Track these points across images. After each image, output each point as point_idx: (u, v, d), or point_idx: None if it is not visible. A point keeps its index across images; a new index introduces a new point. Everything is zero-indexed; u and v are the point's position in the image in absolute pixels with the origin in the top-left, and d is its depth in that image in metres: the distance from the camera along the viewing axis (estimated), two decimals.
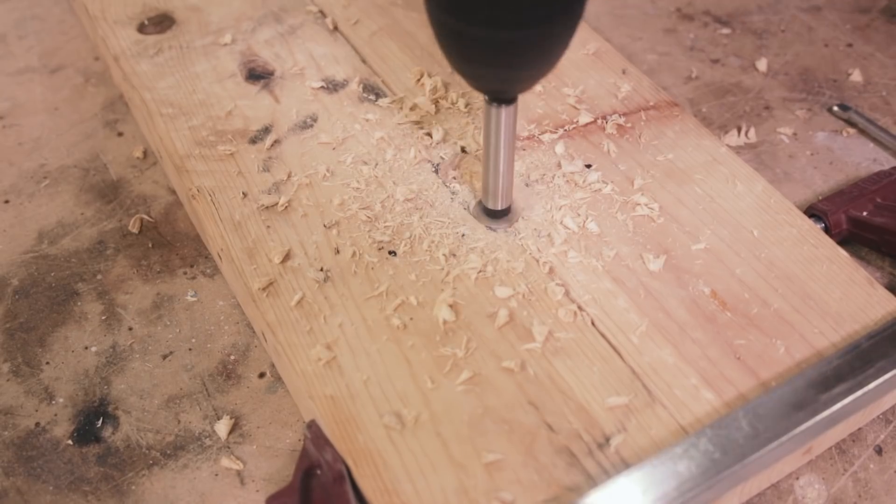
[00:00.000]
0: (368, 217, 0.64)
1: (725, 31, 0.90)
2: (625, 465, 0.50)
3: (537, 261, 0.60)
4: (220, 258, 0.65)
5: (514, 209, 0.64)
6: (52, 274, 0.69)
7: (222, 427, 0.59)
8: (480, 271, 0.60)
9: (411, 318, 0.58)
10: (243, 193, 0.66)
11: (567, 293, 0.59)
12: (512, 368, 0.55)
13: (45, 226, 0.73)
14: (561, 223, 0.63)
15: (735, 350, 0.56)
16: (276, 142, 0.70)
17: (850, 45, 0.88)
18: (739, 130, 0.78)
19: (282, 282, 0.60)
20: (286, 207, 0.65)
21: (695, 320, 0.57)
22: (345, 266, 0.61)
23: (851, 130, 0.78)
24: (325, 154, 0.69)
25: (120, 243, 0.71)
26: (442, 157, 0.68)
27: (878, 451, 0.57)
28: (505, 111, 0.57)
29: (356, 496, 0.50)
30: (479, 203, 0.64)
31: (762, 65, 0.85)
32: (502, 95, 0.56)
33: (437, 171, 0.67)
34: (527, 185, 0.66)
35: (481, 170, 0.62)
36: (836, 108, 0.79)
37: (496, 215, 0.63)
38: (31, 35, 0.93)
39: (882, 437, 0.58)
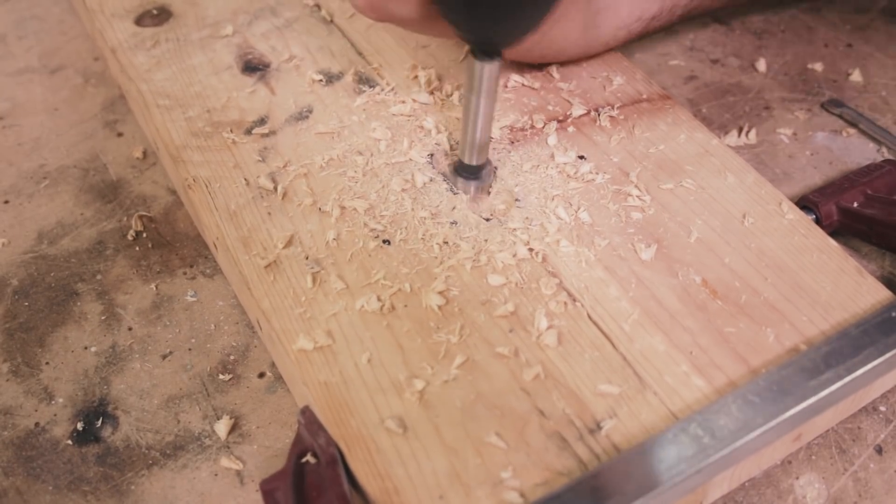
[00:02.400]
0: (363, 206, 0.64)
1: (725, 30, 0.90)
2: (615, 449, 0.51)
3: (530, 250, 0.61)
4: (216, 248, 0.66)
5: (487, 171, 0.66)
6: (52, 274, 0.70)
7: (222, 427, 0.59)
8: (474, 260, 0.60)
9: (405, 306, 0.58)
10: (245, 181, 0.67)
11: (559, 282, 0.59)
12: (505, 355, 0.55)
13: (45, 226, 0.73)
14: (553, 213, 0.63)
15: (725, 338, 0.56)
16: (272, 133, 0.71)
17: (849, 45, 0.88)
18: (740, 131, 0.78)
19: (276, 270, 0.60)
20: (282, 197, 0.65)
21: (686, 309, 0.57)
22: (339, 254, 0.61)
23: (851, 130, 0.78)
24: (321, 145, 0.69)
25: (119, 243, 0.72)
26: (436, 148, 0.68)
27: (879, 450, 0.57)
28: (488, 67, 0.58)
29: (349, 480, 0.51)
30: (455, 163, 0.66)
31: (762, 65, 0.86)
32: (489, 47, 0.58)
33: (431, 162, 0.67)
34: (519, 175, 0.66)
35: (461, 126, 0.63)
36: (827, 104, 0.80)
37: (469, 172, 0.65)
38: (30, 35, 0.93)
39: (882, 436, 0.58)
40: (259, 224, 0.63)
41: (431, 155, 0.68)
